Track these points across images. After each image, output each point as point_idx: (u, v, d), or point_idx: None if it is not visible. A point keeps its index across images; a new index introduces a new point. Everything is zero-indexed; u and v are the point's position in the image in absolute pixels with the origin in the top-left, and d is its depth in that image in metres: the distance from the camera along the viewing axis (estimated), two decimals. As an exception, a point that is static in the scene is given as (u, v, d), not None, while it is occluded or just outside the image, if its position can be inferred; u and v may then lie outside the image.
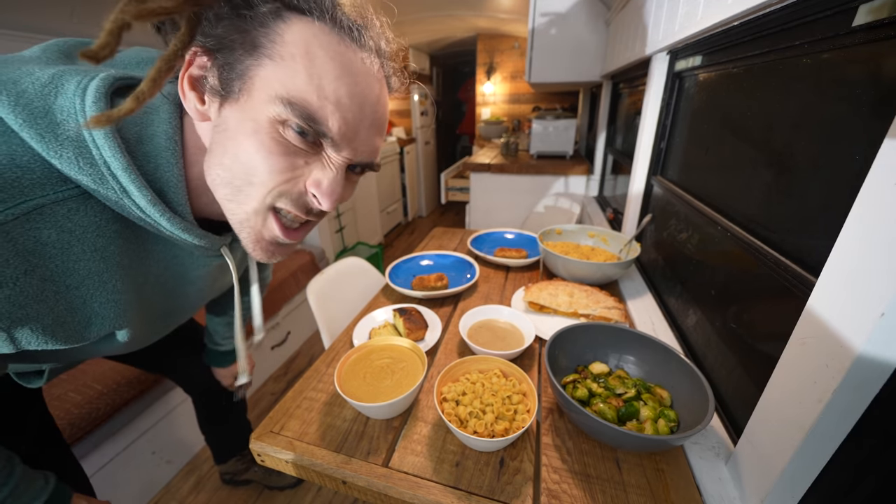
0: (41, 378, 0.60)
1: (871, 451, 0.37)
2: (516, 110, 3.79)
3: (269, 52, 0.34)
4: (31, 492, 0.48)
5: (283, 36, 0.34)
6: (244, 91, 0.35)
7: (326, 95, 0.36)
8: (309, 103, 0.35)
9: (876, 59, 0.41)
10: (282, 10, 0.34)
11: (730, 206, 0.70)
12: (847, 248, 0.37)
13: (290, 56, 0.34)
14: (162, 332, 0.59)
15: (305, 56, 0.35)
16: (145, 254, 0.44)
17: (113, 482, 1.14)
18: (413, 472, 0.54)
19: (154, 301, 0.50)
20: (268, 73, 0.35)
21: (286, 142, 0.37)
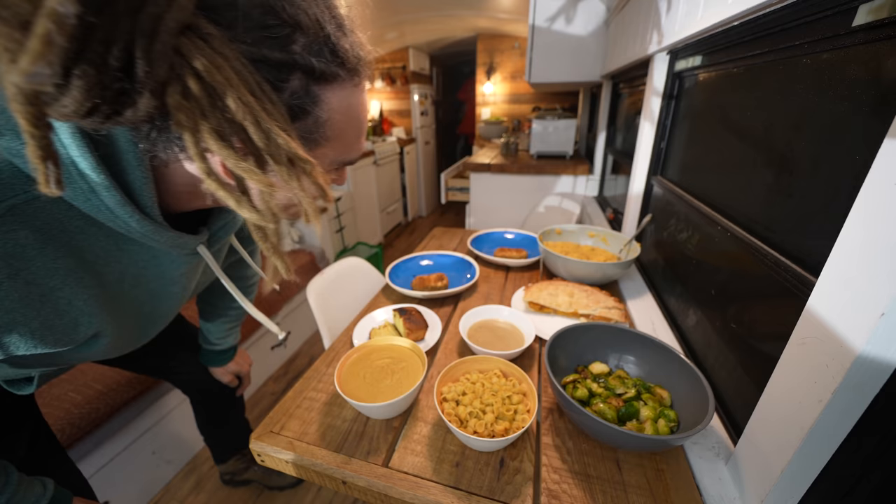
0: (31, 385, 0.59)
1: (871, 451, 0.37)
2: (516, 110, 3.78)
3: (321, 134, 0.37)
4: (30, 498, 0.49)
5: (328, 119, 0.36)
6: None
7: (359, 140, 0.42)
8: (350, 156, 0.42)
9: (876, 59, 0.41)
10: (311, 85, 0.34)
11: (730, 206, 0.70)
12: (847, 248, 0.37)
13: (339, 134, 0.38)
14: (150, 333, 0.58)
15: (348, 127, 0.39)
16: (120, 253, 0.43)
17: (113, 482, 1.14)
18: (413, 472, 0.54)
19: (136, 301, 0.49)
20: (324, 151, 0.38)
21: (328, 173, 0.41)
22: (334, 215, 2.51)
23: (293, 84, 0.32)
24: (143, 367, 0.94)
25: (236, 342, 0.97)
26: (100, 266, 0.41)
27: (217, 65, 0.27)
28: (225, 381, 1.00)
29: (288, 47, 0.31)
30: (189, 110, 0.27)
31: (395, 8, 2.71)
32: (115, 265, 0.43)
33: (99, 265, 0.41)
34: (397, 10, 2.75)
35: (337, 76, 0.35)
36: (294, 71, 0.32)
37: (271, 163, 0.31)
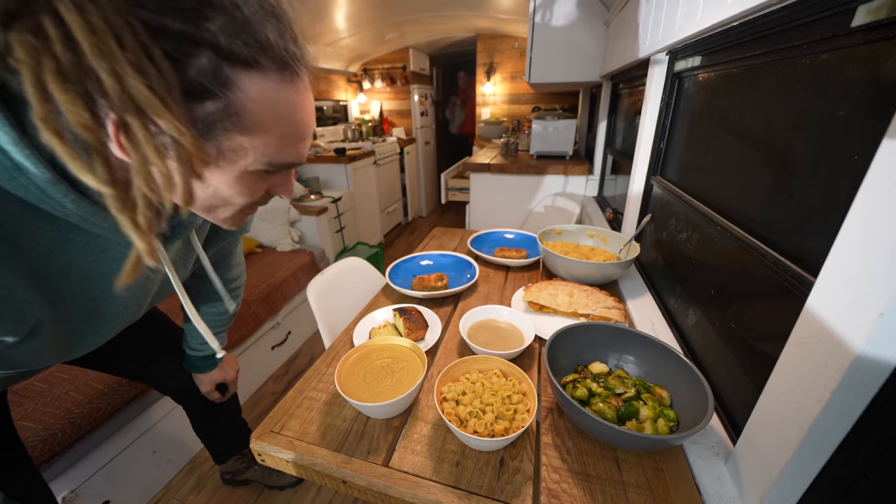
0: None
1: (870, 450, 0.37)
2: (516, 110, 3.79)
3: (236, 123, 0.35)
4: None
5: (246, 105, 0.35)
6: (221, 157, 0.37)
7: (294, 143, 0.40)
8: (284, 158, 0.40)
9: (875, 59, 0.41)
10: (223, 66, 0.33)
11: (729, 206, 0.70)
12: (846, 247, 0.37)
13: (263, 128, 0.37)
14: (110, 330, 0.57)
15: (273, 123, 0.37)
16: (65, 243, 0.41)
17: (114, 481, 1.14)
18: (413, 471, 0.54)
19: (88, 296, 0.48)
20: (242, 144, 0.36)
21: (261, 176, 0.41)
22: (334, 215, 2.51)
23: (200, 61, 0.31)
24: (125, 371, 0.91)
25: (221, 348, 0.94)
26: (40, 253, 0.40)
27: (84, 9, 0.26)
28: (204, 392, 0.95)
29: (197, 22, 0.30)
30: (32, 47, 0.26)
31: (395, 8, 2.71)
32: (58, 254, 0.41)
33: (39, 252, 0.39)
34: (397, 10, 2.76)
35: (257, 64, 0.34)
36: (200, 46, 0.31)
37: (122, 114, 0.29)
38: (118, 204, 0.32)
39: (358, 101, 4.08)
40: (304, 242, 2.31)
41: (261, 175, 0.41)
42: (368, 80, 4.04)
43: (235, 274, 0.85)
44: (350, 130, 3.53)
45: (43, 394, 1.06)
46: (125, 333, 0.76)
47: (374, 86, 4.04)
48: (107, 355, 0.81)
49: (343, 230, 2.64)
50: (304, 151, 0.43)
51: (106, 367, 0.88)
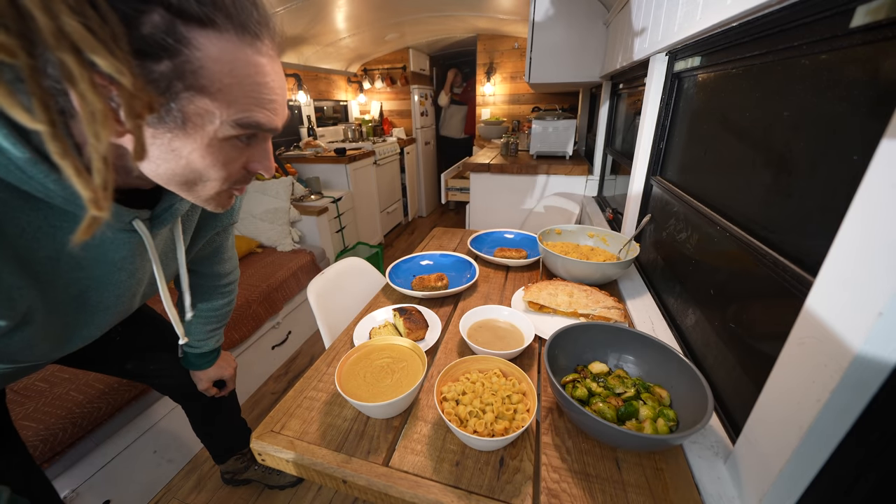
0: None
1: (869, 450, 0.38)
2: (516, 111, 3.79)
3: (195, 84, 0.35)
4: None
5: (205, 65, 0.35)
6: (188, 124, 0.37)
7: (261, 104, 0.40)
8: (251, 118, 0.39)
9: (874, 59, 0.41)
10: (184, 28, 0.33)
11: (728, 206, 0.70)
12: (845, 248, 0.37)
13: (224, 86, 0.37)
14: (103, 322, 0.57)
15: (235, 83, 0.37)
16: (52, 230, 0.42)
17: (114, 481, 1.15)
18: (413, 471, 0.54)
19: (79, 286, 0.48)
20: (207, 105, 0.37)
21: (236, 146, 0.41)
22: (334, 215, 2.51)
23: (153, 18, 0.32)
24: (123, 370, 0.91)
25: (219, 345, 0.94)
26: (27, 240, 0.40)
27: None
28: (201, 389, 0.96)
29: None
30: None
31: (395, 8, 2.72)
32: (46, 242, 0.42)
33: (26, 239, 0.40)
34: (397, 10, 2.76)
35: (213, 22, 0.34)
36: (151, 3, 0.31)
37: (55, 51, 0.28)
38: (57, 144, 0.31)
39: (358, 101, 4.08)
40: (304, 242, 2.31)
41: (234, 145, 0.41)
42: (368, 81, 4.05)
43: (228, 268, 0.85)
44: (350, 130, 3.53)
45: (44, 393, 1.06)
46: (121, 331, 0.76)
47: (375, 86, 4.05)
48: (103, 354, 0.82)
49: (343, 230, 2.64)
50: (276, 117, 0.42)
51: (104, 367, 0.88)
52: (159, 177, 0.41)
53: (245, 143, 0.42)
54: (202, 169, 0.41)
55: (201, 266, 0.80)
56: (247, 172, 0.45)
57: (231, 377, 1.01)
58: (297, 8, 2.18)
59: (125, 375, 0.93)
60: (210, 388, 0.98)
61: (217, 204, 0.47)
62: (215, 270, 0.82)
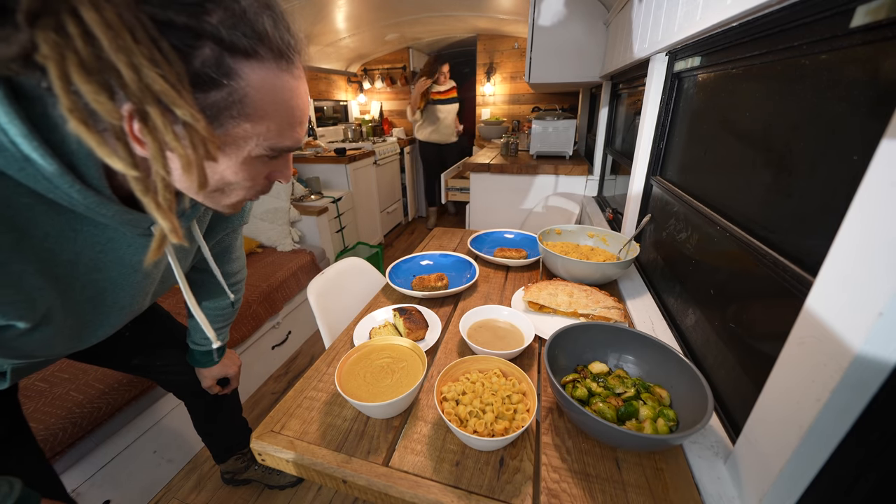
0: (4, 380, 0.60)
1: (869, 450, 0.38)
2: (516, 111, 3.79)
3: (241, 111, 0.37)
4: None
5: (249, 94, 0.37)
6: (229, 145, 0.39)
7: (293, 127, 0.42)
8: (283, 142, 0.42)
9: (874, 59, 0.41)
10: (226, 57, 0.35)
11: (728, 206, 0.70)
12: (845, 247, 0.37)
13: (265, 113, 0.39)
14: (116, 322, 0.58)
15: (273, 109, 0.39)
16: (74, 233, 0.43)
17: (114, 481, 1.15)
18: (413, 471, 0.54)
19: (96, 287, 0.50)
20: (246, 130, 0.39)
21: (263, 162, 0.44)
22: (334, 215, 2.51)
23: (204, 52, 0.33)
24: (129, 366, 0.92)
25: (224, 343, 0.95)
26: (50, 243, 0.42)
27: (99, 7, 0.28)
28: (205, 386, 0.97)
29: (199, 16, 0.32)
30: (56, 43, 0.28)
31: (395, 8, 2.72)
32: (67, 245, 0.43)
33: (49, 242, 0.41)
34: (397, 10, 2.76)
35: (256, 53, 0.36)
36: (203, 38, 0.33)
37: (141, 104, 0.31)
38: (141, 187, 0.35)
39: (358, 101, 4.08)
40: (304, 242, 2.31)
41: (262, 160, 0.43)
42: (368, 81, 4.05)
43: (236, 268, 0.86)
44: (350, 130, 3.53)
45: (44, 393, 1.06)
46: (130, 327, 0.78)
47: (375, 86, 4.05)
48: (112, 350, 0.83)
49: (343, 230, 2.64)
50: (301, 136, 0.45)
51: (111, 362, 0.89)
52: (189, 189, 0.42)
53: (273, 156, 0.44)
54: (233, 181, 0.43)
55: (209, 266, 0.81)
56: (268, 182, 0.48)
57: (235, 375, 1.03)
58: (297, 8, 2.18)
59: (131, 371, 0.94)
60: (214, 387, 0.99)
61: (233, 208, 0.48)
62: (224, 270, 0.83)
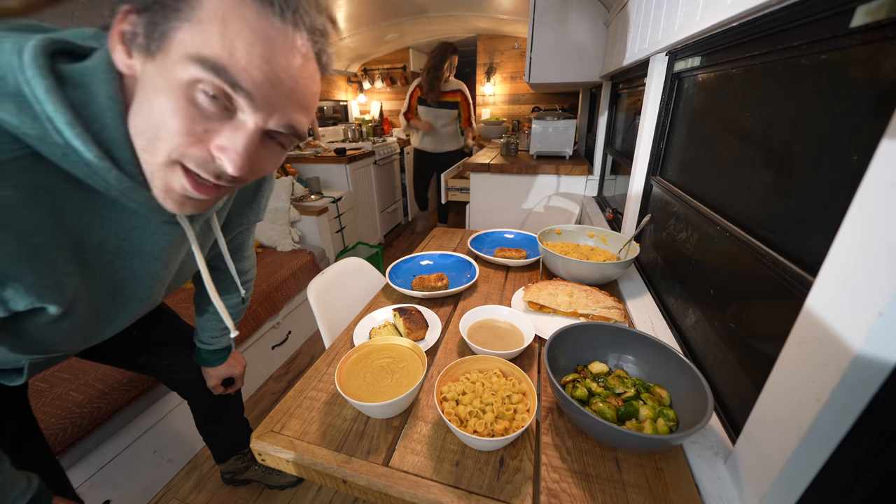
0: (21, 376, 0.60)
1: (869, 450, 0.38)
2: (516, 111, 3.79)
3: (187, 15, 0.35)
4: (16, 491, 0.49)
5: (202, 3, 0.35)
6: (162, 50, 0.36)
7: (237, 55, 0.36)
8: (219, 59, 0.35)
9: (874, 59, 0.41)
10: None
11: (728, 206, 0.70)
12: (845, 247, 0.37)
13: (207, 20, 0.35)
14: (131, 314, 0.58)
15: (220, 21, 0.35)
16: (100, 219, 0.44)
17: (114, 481, 1.15)
18: (413, 471, 0.54)
19: (117, 275, 0.50)
20: (184, 35, 0.36)
21: (195, 104, 0.37)
22: (334, 215, 2.51)
23: None
24: (136, 364, 0.93)
25: (230, 343, 0.96)
26: (80, 230, 0.43)
27: None
28: (210, 385, 0.98)
29: None
30: None
31: (394, 8, 2.72)
32: (95, 232, 0.44)
33: (80, 228, 0.43)
34: (397, 10, 2.76)
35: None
36: None
37: None
38: None
39: (358, 101, 4.08)
40: (304, 242, 2.30)
41: (198, 109, 0.37)
42: (368, 81, 4.05)
43: (247, 266, 0.87)
44: (350, 130, 3.53)
45: (44, 393, 1.06)
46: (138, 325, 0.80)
47: (374, 86, 4.05)
48: (121, 347, 0.84)
49: (343, 230, 2.64)
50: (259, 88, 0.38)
51: (119, 360, 0.90)
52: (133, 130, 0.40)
53: (216, 111, 0.38)
54: (164, 125, 0.38)
55: (222, 262, 0.81)
56: (205, 148, 0.39)
57: (240, 375, 1.03)
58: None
59: (137, 369, 0.95)
60: (218, 386, 1.00)
61: (167, 191, 0.42)
62: (236, 268, 0.83)
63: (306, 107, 0.43)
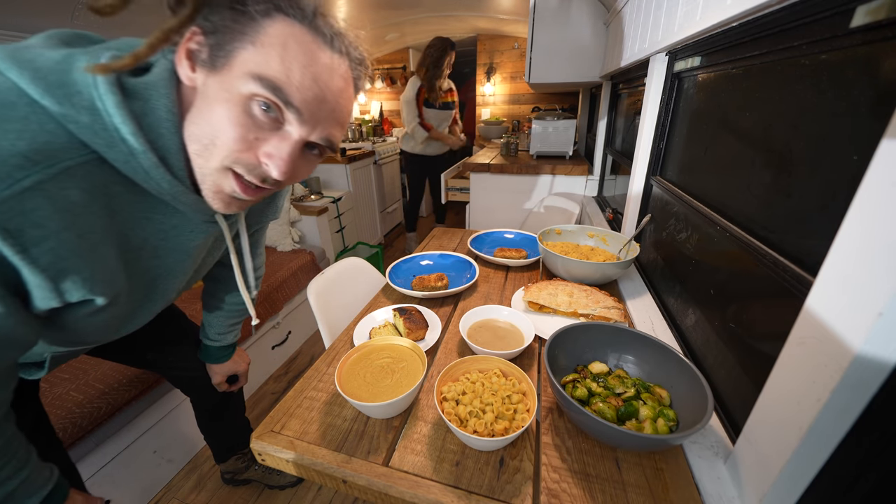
0: (42, 369, 0.63)
1: (869, 450, 0.38)
2: (516, 111, 3.79)
3: (251, 38, 0.41)
4: (40, 480, 0.52)
5: (266, 29, 0.41)
6: (226, 66, 0.42)
7: (292, 77, 0.42)
8: (277, 79, 0.41)
9: (874, 59, 0.41)
10: (271, 9, 0.41)
11: (728, 206, 0.70)
12: (845, 247, 0.37)
13: (269, 44, 0.41)
14: (155, 310, 0.61)
15: (281, 46, 0.42)
16: (146, 221, 0.48)
17: (114, 481, 1.15)
18: (413, 471, 0.54)
19: (152, 273, 0.53)
20: (248, 55, 0.41)
21: (251, 115, 0.43)
22: (334, 215, 2.51)
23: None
24: (143, 360, 0.94)
25: (236, 340, 0.97)
26: (126, 229, 0.46)
27: None
28: (215, 383, 1.00)
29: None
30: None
31: (395, 8, 2.71)
32: (139, 231, 0.48)
33: (126, 227, 0.46)
34: (397, 10, 2.76)
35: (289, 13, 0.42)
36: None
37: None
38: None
39: (358, 101, 4.08)
40: (304, 242, 2.30)
41: (253, 120, 0.43)
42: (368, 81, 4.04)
43: (259, 263, 0.88)
44: (350, 130, 3.53)
45: (44, 393, 1.06)
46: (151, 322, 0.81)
47: (375, 86, 4.05)
48: (132, 344, 0.86)
49: (343, 230, 2.64)
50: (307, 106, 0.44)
51: (128, 356, 0.92)
52: (189, 136, 0.45)
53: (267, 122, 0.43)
54: (220, 135, 0.43)
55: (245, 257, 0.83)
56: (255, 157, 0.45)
57: (244, 372, 1.04)
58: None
59: (144, 366, 0.96)
60: (223, 384, 1.01)
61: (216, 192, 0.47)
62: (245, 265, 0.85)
63: (342, 123, 0.49)
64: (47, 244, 0.38)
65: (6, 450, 0.48)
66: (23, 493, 0.49)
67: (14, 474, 0.48)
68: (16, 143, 0.36)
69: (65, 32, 0.47)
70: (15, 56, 0.38)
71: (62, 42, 0.45)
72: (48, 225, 0.37)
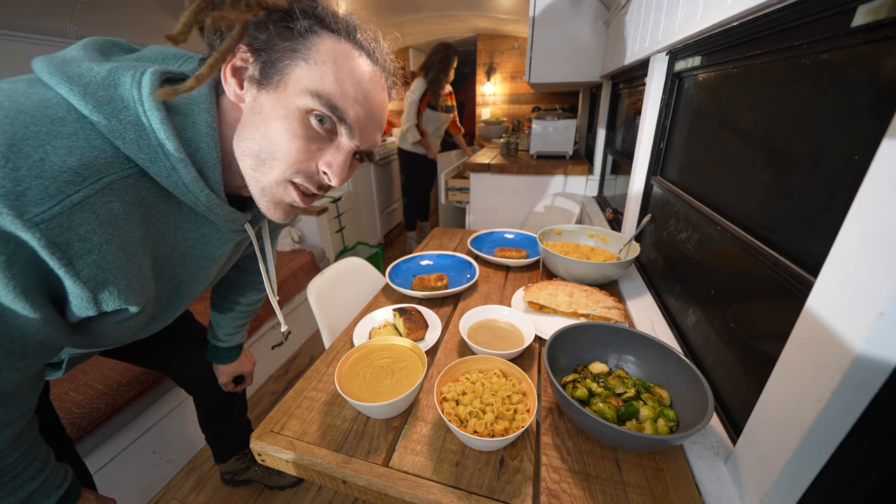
0: (59, 370, 0.64)
1: (870, 450, 0.37)
2: (516, 110, 3.78)
3: (304, 56, 0.43)
4: (57, 480, 0.53)
5: (317, 46, 0.44)
6: (281, 83, 0.44)
7: (347, 94, 0.45)
8: (333, 97, 0.44)
9: (875, 59, 0.41)
10: (316, 26, 0.44)
11: (729, 206, 0.70)
12: (846, 247, 0.37)
13: (322, 62, 0.44)
14: (175, 314, 0.62)
15: (333, 63, 0.44)
16: (176, 230, 0.49)
17: (114, 481, 1.14)
18: (413, 471, 0.54)
19: (177, 279, 0.54)
20: (302, 72, 0.43)
21: (309, 128, 0.45)
22: (334, 216, 2.51)
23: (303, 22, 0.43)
24: (150, 360, 0.95)
25: (243, 341, 0.98)
26: (157, 238, 0.47)
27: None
28: (221, 383, 1.01)
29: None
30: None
31: (395, 8, 2.71)
32: (168, 240, 0.49)
33: (157, 237, 0.47)
34: (397, 10, 2.75)
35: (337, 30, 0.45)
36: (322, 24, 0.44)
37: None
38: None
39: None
40: (304, 242, 2.30)
41: (311, 132, 0.45)
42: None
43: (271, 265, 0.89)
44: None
45: (43, 394, 1.06)
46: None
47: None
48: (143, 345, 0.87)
49: (343, 230, 2.64)
50: (360, 120, 0.47)
51: (137, 357, 0.92)
52: (243, 152, 0.46)
53: (323, 134, 0.46)
54: (279, 148, 0.45)
55: (246, 262, 0.84)
56: (314, 166, 0.48)
57: (250, 373, 1.05)
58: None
59: (150, 365, 0.97)
60: (229, 384, 1.02)
61: (276, 204, 0.49)
62: (257, 267, 0.85)
63: (382, 129, 0.53)
64: (90, 257, 0.38)
65: (30, 452, 0.48)
66: (42, 494, 0.50)
67: (36, 475, 0.49)
68: (66, 159, 0.36)
69: (99, 41, 0.48)
70: (64, 70, 0.39)
71: (99, 51, 0.46)
72: (92, 238, 0.38)
